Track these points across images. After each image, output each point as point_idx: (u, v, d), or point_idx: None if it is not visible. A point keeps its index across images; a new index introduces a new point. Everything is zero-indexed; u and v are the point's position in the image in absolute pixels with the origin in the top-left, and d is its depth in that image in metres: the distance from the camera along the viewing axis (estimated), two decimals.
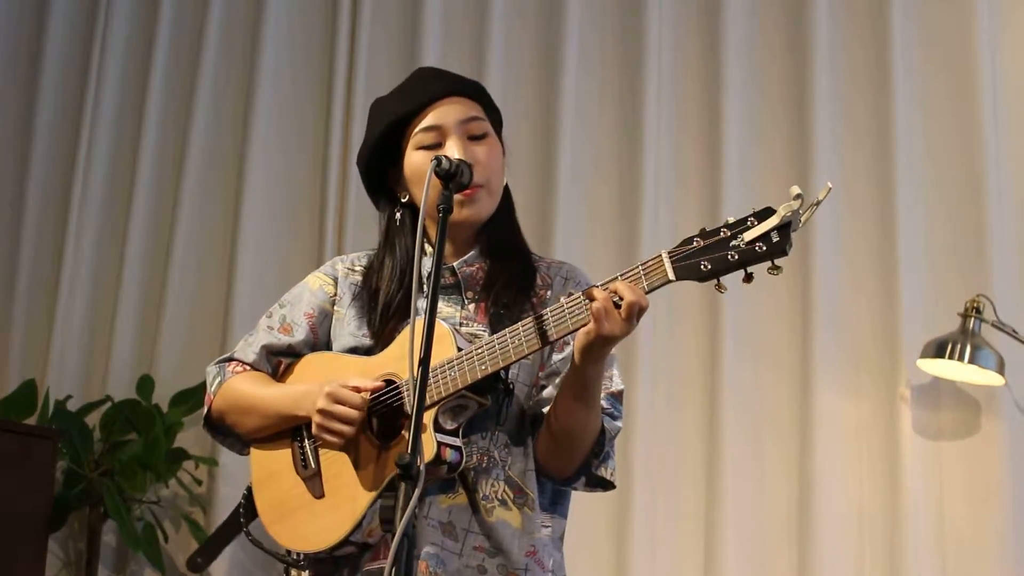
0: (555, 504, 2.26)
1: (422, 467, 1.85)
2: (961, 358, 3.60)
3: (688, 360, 4.00)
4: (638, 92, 4.16)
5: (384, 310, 2.27)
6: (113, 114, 4.67)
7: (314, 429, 2.16)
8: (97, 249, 4.59)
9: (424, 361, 1.94)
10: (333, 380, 2.17)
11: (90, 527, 4.18)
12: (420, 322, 1.98)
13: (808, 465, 3.81)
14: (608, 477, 2.20)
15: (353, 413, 2.12)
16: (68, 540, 4.31)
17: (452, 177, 2.14)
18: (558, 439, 2.15)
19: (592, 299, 1.99)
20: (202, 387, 4.27)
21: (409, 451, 1.85)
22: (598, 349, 2.05)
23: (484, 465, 2.17)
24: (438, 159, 2.13)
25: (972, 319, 3.65)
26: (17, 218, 4.61)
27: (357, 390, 2.14)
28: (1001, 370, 3.64)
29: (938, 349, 3.66)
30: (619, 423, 2.21)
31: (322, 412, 2.14)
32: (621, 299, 1.99)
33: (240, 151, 4.50)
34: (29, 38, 4.77)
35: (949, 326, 3.69)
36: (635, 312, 1.99)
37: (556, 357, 2.24)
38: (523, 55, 4.36)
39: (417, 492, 1.81)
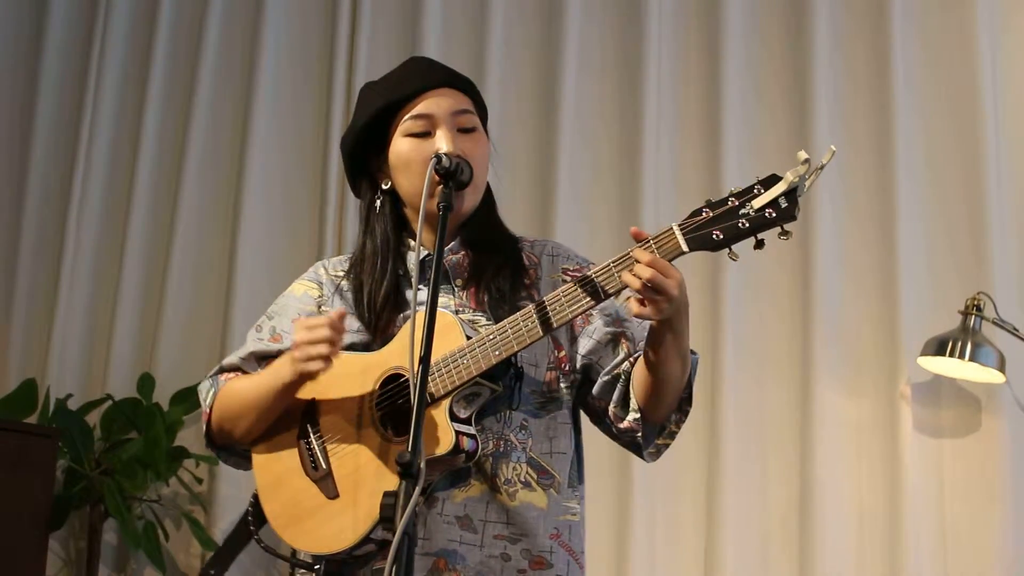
0: (580, 484, 2.26)
1: (422, 465, 1.84)
2: (962, 356, 3.60)
3: None
4: (637, 92, 4.16)
5: (371, 301, 2.26)
6: (113, 114, 4.67)
7: (299, 367, 2.12)
8: (97, 248, 4.58)
9: (424, 359, 1.93)
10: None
11: (91, 526, 4.17)
12: (421, 315, 1.98)
13: (808, 463, 3.81)
14: (691, 395, 2.20)
15: (324, 332, 2.09)
16: (69, 539, 4.31)
17: (452, 175, 2.15)
18: (659, 388, 2.13)
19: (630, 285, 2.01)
20: None
21: (410, 448, 1.84)
22: (664, 328, 2.06)
23: (502, 449, 2.17)
24: (438, 157, 2.13)
25: (972, 316, 3.65)
26: (17, 217, 4.61)
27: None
28: (1002, 367, 3.64)
29: (939, 347, 3.66)
30: (696, 355, 2.20)
31: (296, 345, 2.12)
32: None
33: (240, 151, 4.50)
34: (29, 38, 4.76)
35: (949, 324, 3.69)
36: (660, 289, 1.98)
37: (587, 330, 2.24)
38: (523, 55, 4.36)
39: (418, 489, 1.81)
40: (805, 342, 3.89)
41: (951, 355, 3.62)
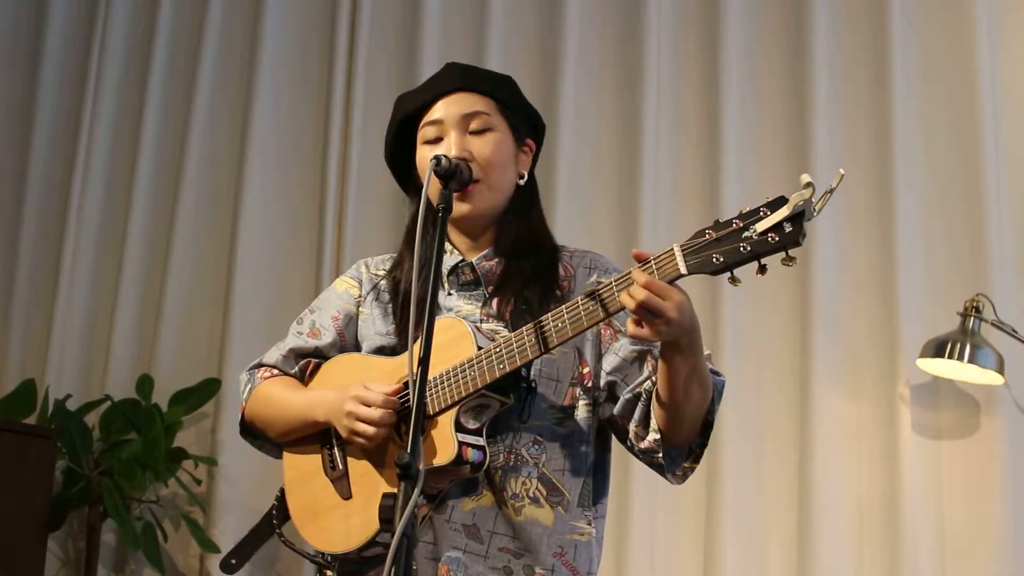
0: (597, 503, 2.25)
1: (421, 467, 1.84)
2: (961, 357, 3.60)
3: None
4: (637, 95, 4.16)
5: (404, 306, 2.27)
6: (112, 114, 4.67)
7: (343, 432, 2.17)
8: (96, 248, 4.59)
9: (423, 361, 1.93)
10: (354, 383, 2.18)
11: (89, 526, 4.17)
12: (437, 321, 2.00)
13: (808, 465, 3.81)
14: (712, 421, 2.15)
15: (375, 414, 2.13)
16: (67, 539, 4.31)
17: (452, 176, 2.15)
18: (675, 410, 2.09)
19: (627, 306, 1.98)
20: (201, 386, 4.32)
21: (409, 451, 1.85)
22: (671, 350, 2.03)
23: (512, 463, 2.17)
24: (437, 158, 2.14)
25: (971, 318, 3.65)
26: (16, 218, 4.61)
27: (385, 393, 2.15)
28: (1001, 369, 3.64)
29: (937, 348, 3.65)
30: (721, 378, 2.17)
31: (348, 414, 2.15)
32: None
33: (239, 151, 4.50)
34: (28, 38, 4.77)
35: (948, 325, 3.69)
36: (655, 311, 1.95)
37: (614, 347, 2.22)
38: (522, 56, 4.36)
39: (416, 491, 1.81)
40: (804, 343, 3.89)
41: (950, 357, 3.62)
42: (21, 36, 4.78)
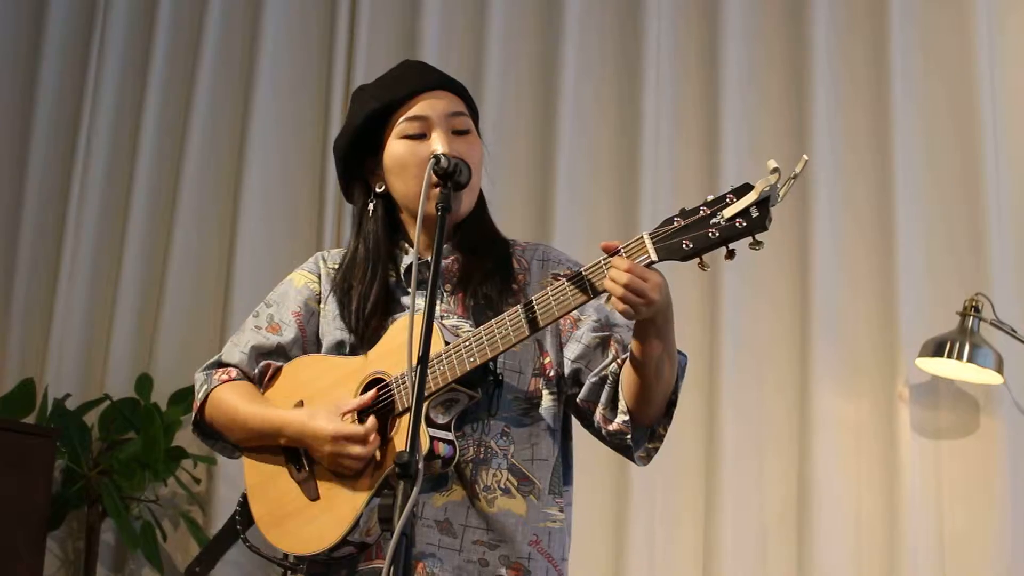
0: (563, 491, 2.25)
1: (421, 466, 1.84)
2: (960, 357, 3.61)
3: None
4: (636, 93, 4.16)
5: (360, 306, 2.26)
6: (112, 113, 4.67)
7: (325, 462, 2.16)
8: (96, 249, 4.58)
9: (423, 361, 1.93)
10: (327, 411, 2.16)
11: (88, 526, 4.17)
12: (416, 318, 1.98)
13: (807, 464, 3.81)
14: (676, 399, 2.18)
15: (361, 451, 2.12)
16: (67, 539, 4.31)
17: (451, 176, 2.14)
18: (646, 388, 2.12)
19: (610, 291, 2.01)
20: None
21: (408, 449, 1.85)
22: (647, 328, 2.06)
23: (482, 456, 2.17)
24: (436, 157, 2.13)
25: (971, 318, 3.65)
26: (15, 217, 4.61)
27: (360, 408, 2.14)
28: (1000, 369, 3.64)
29: (937, 348, 3.66)
30: (684, 356, 2.19)
31: (334, 454, 2.14)
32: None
33: (238, 150, 4.50)
34: (28, 37, 4.76)
35: (948, 325, 3.69)
36: (638, 293, 1.98)
37: (575, 335, 2.23)
38: (522, 56, 4.36)
39: (416, 490, 1.81)
40: (803, 342, 3.89)
41: (949, 356, 3.62)
42: (21, 36, 4.78)
